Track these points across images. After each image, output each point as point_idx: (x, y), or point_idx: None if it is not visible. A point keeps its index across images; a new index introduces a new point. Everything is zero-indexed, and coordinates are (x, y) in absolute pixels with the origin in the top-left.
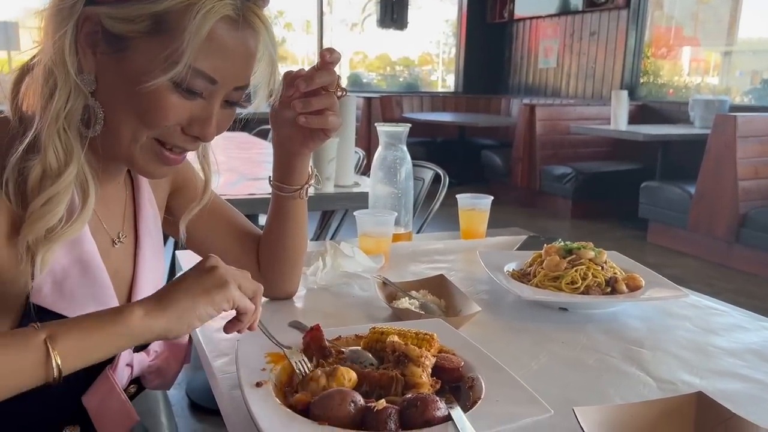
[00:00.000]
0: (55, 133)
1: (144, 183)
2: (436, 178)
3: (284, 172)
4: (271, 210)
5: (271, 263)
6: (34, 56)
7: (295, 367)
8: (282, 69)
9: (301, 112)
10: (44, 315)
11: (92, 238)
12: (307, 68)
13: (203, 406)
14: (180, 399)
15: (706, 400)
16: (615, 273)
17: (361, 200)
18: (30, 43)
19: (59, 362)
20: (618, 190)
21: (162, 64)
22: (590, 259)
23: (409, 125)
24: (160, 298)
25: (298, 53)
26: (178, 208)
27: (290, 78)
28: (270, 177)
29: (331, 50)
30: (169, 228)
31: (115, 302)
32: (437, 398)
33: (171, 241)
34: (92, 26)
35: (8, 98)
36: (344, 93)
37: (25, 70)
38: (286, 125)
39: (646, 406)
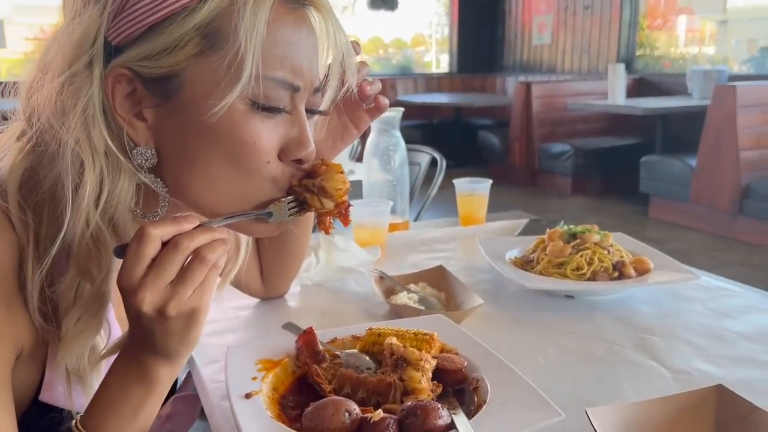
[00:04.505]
0: (88, 235)
1: None
2: (433, 162)
3: None
4: None
5: (274, 262)
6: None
7: None
8: None
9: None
10: (51, 409)
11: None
12: None
13: None
14: None
15: (726, 394)
16: (622, 256)
17: (357, 188)
18: (18, 41)
19: None
20: (618, 166)
21: (227, 80)
22: (595, 243)
23: (402, 110)
24: (162, 343)
25: None
26: None
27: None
28: None
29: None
30: None
31: None
32: (438, 405)
33: None
34: (127, 84)
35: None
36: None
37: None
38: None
39: (661, 403)
